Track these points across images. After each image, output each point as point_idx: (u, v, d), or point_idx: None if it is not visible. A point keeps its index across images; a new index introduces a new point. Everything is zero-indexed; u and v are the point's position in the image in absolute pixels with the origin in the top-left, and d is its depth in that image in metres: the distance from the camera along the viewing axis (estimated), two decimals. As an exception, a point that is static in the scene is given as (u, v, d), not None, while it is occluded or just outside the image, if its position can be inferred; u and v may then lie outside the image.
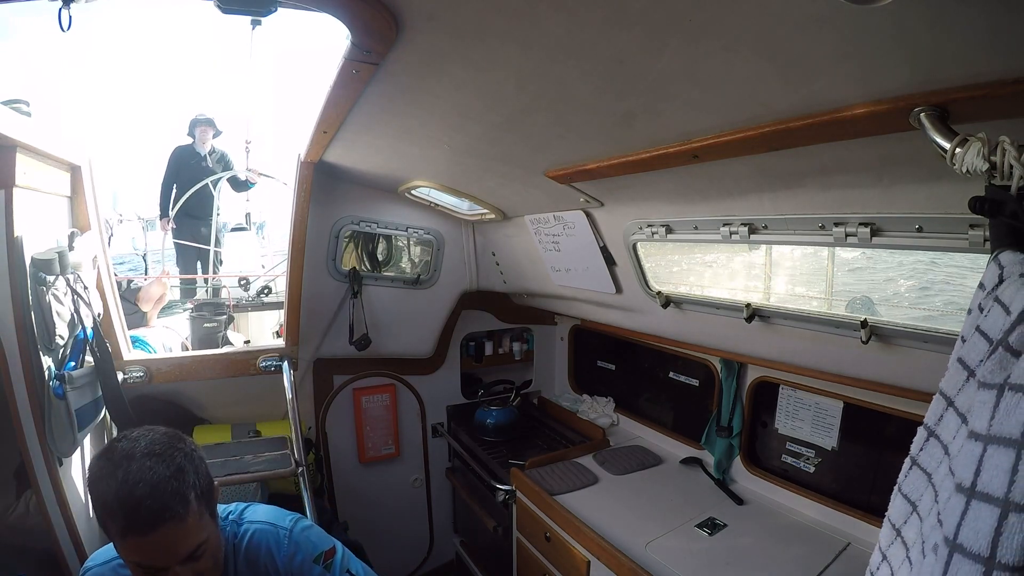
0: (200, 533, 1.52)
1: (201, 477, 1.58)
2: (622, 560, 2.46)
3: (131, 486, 1.42)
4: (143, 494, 1.42)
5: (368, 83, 1.62)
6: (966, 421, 0.79)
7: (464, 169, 2.59)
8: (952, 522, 0.70)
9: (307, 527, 1.92)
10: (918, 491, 0.91)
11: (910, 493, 0.93)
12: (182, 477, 1.50)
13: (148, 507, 1.41)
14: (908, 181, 1.48)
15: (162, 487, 1.45)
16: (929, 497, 0.86)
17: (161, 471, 1.47)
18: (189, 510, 1.48)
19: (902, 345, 1.90)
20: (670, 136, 1.60)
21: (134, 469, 1.45)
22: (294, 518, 1.91)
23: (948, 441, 0.84)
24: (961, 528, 0.68)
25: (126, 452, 1.50)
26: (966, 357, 0.83)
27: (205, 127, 7.70)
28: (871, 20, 0.87)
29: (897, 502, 0.95)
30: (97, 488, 1.47)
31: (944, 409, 0.87)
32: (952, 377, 0.86)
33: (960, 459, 0.73)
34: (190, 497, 1.49)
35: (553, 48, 1.19)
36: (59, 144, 2.37)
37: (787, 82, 1.16)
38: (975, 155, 0.91)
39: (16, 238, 2.10)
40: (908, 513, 0.92)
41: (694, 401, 3.48)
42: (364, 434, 4.05)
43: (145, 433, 1.60)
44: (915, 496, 0.91)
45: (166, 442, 1.57)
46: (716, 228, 2.13)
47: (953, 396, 0.85)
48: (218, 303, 5.14)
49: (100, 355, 2.50)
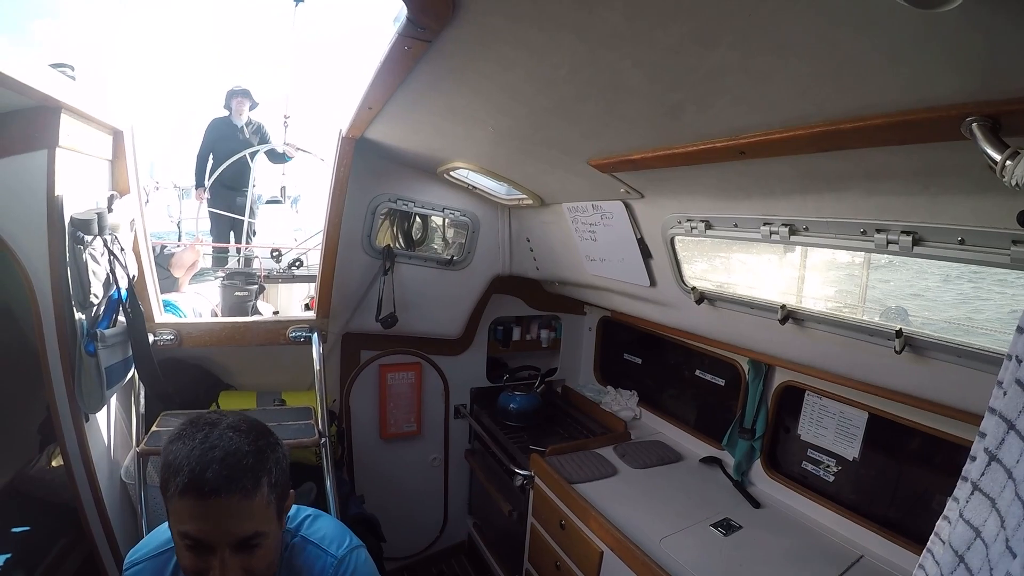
0: (263, 521, 1.45)
1: (280, 472, 1.52)
2: (636, 553, 2.47)
3: (207, 448, 1.39)
4: (217, 457, 1.38)
5: (419, 60, 1.62)
6: None
7: (506, 152, 2.59)
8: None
9: (358, 562, 1.79)
10: (981, 516, 0.90)
11: (972, 519, 0.91)
12: (261, 458, 1.46)
13: (217, 471, 1.36)
14: (954, 192, 1.46)
15: (238, 457, 1.41)
16: (994, 523, 0.85)
17: (242, 444, 1.44)
18: (259, 491, 1.42)
19: (936, 358, 1.88)
20: (717, 131, 1.59)
21: (215, 435, 1.42)
22: (349, 547, 1.79)
23: (1011, 466, 0.83)
24: None
25: (211, 420, 1.48)
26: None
27: (241, 99, 7.75)
28: (928, 26, 0.87)
29: (959, 528, 0.94)
30: (171, 447, 1.42)
31: (1005, 432, 0.86)
32: (1013, 399, 0.85)
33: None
34: (263, 480, 1.44)
35: (609, 35, 1.19)
36: (103, 108, 2.41)
37: (839, 83, 1.15)
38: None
39: (56, 197, 2.14)
40: (972, 539, 0.91)
41: (718, 401, 3.48)
42: (387, 410, 4.08)
43: (234, 413, 1.57)
44: (978, 522, 0.90)
45: (252, 426, 1.53)
46: (756, 227, 2.12)
47: (1014, 419, 0.84)
48: (249, 273, 5.19)
49: (133, 316, 2.55)
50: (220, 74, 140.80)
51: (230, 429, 1.46)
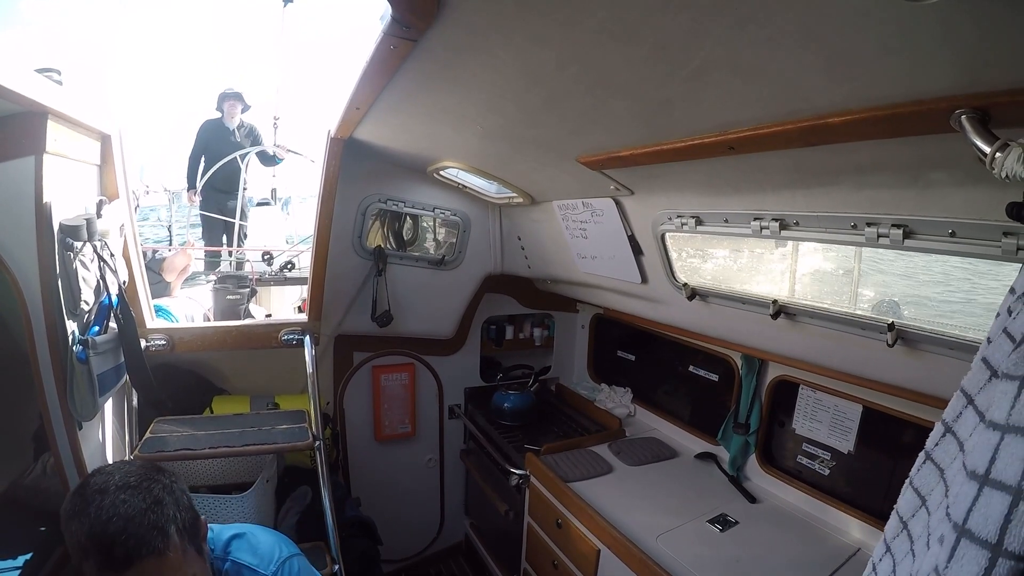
0: (184, 569, 1.44)
1: (183, 510, 1.50)
2: (632, 550, 2.47)
3: (104, 522, 1.35)
4: (117, 529, 1.35)
5: (405, 60, 1.61)
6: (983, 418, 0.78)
7: (496, 151, 2.59)
8: (962, 508, 0.70)
9: (292, 572, 1.77)
10: (929, 485, 0.91)
11: (921, 487, 0.93)
12: (160, 510, 1.43)
13: (123, 542, 1.34)
14: (944, 184, 1.46)
15: (138, 520, 1.38)
16: (940, 492, 0.86)
17: (136, 503, 1.40)
18: (169, 544, 1.40)
19: (928, 351, 1.89)
20: (707, 126, 1.59)
21: (107, 504, 1.38)
22: (280, 560, 1.76)
23: (964, 438, 0.84)
24: (971, 514, 0.69)
25: (99, 487, 1.43)
26: (990, 357, 0.83)
27: (233, 101, 7.76)
28: (918, 17, 0.86)
29: (907, 495, 0.95)
30: (69, 528, 1.39)
31: (964, 407, 0.86)
32: (975, 376, 0.86)
33: (975, 448, 0.73)
34: (170, 531, 1.41)
35: (596, 31, 1.18)
36: (90, 113, 2.39)
37: (829, 76, 1.14)
38: (1015, 160, 0.90)
39: (45, 203, 2.12)
40: (917, 507, 0.92)
41: (712, 396, 3.48)
42: (381, 412, 4.08)
43: (120, 466, 1.53)
44: (926, 490, 0.91)
45: (142, 474, 1.50)
46: (747, 222, 2.12)
47: (974, 394, 0.85)
48: (241, 276, 5.18)
49: (124, 322, 2.53)
50: (212, 76, 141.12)
51: (120, 491, 1.42)
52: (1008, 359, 0.74)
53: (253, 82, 14.49)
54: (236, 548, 1.74)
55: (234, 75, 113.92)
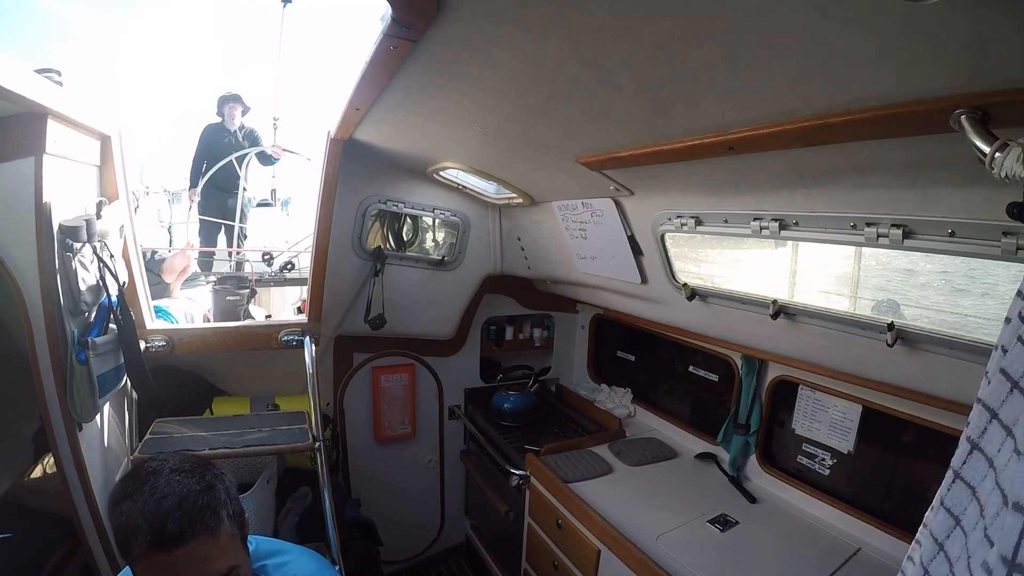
0: (233, 555, 1.45)
1: (233, 501, 1.51)
2: (633, 551, 2.47)
3: (159, 499, 1.36)
4: (171, 506, 1.35)
5: (405, 60, 1.61)
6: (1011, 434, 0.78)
7: (495, 152, 2.58)
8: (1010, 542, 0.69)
9: None
10: (961, 505, 0.89)
11: (953, 507, 0.91)
12: (213, 493, 1.44)
13: (177, 519, 1.34)
14: (943, 184, 1.46)
15: (192, 499, 1.39)
16: (974, 511, 0.85)
17: (191, 484, 1.42)
18: (221, 526, 1.41)
19: (928, 350, 1.88)
20: (706, 127, 1.59)
21: (161, 483, 1.40)
22: None
23: (992, 455, 0.83)
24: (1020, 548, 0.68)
25: (152, 469, 1.44)
26: (1009, 368, 0.82)
27: (233, 104, 7.77)
28: (916, 18, 0.86)
29: (940, 516, 0.94)
30: (119, 509, 1.38)
31: (988, 422, 0.85)
32: (996, 389, 0.84)
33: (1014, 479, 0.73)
34: (222, 513, 1.43)
35: (596, 31, 1.18)
36: (90, 113, 2.39)
37: (828, 77, 1.15)
38: (1015, 160, 0.90)
39: (45, 204, 2.12)
40: (951, 527, 0.91)
41: (712, 396, 3.48)
42: (381, 412, 4.07)
43: (172, 455, 1.54)
44: (958, 510, 0.90)
45: (194, 462, 1.52)
46: (746, 222, 2.12)
47: (996, 408, 0.84)
48: (241, 277, 5.18)
49: (124, 323, 2.53)
50: (212, 76, 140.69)
51: (174, 473, 1.44)
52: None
53: (253, 82, 14.45)
54: (274, 567, 1.74)
55: (234, 75, 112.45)
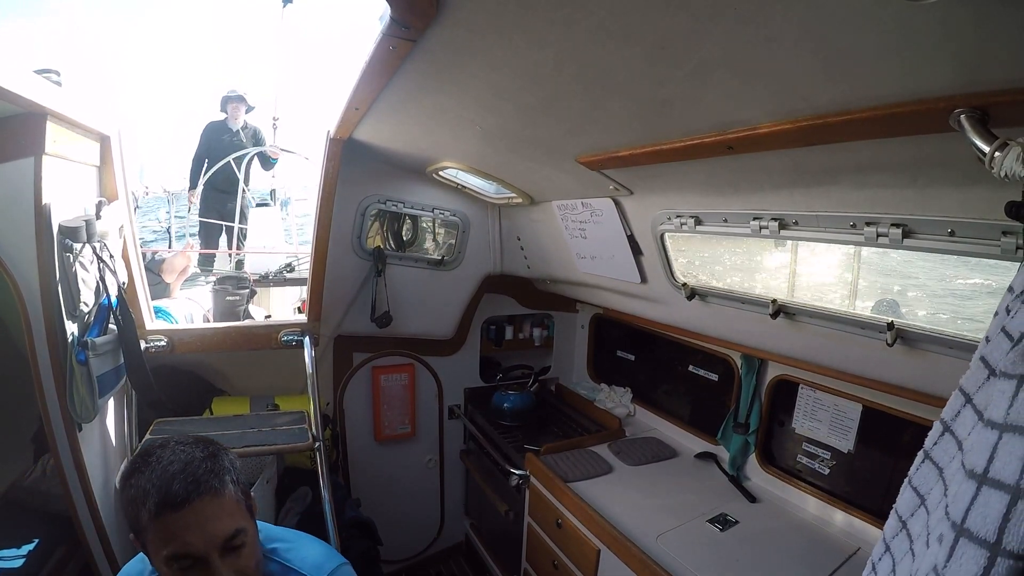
0: (239, 518, 1.50)
1: (237, 471, 1.57)
2: (632, 550, 2.47)
3: (164, 466, 1.44)
4: (177, 470, 1.43)
5: (404, 60, 1.61)
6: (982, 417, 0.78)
7: (494, 151, 2.58)
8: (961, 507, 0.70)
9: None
10: (928, 484, 0.90)
11: (919, 486, 0.92)
12: (216, 461, 1.51)
13: (182, 479, 1.41)
14: (943, 184, 1.46)
15: (196, 463, 1.47)
16: (939, 491, 0.86)
17: (195, 452, 1.50)
18: (226, 489, 1.48)
19: (927, 350, 1.88)
20: (706, 126, 1.59)
21: (167, 453, 1.48)
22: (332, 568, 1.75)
23: (963, 437, 0.84)
24: (970, 513, 0.68)
25: (159, 443, 1.52)
26: (988, 356, 0.83)
27: (237, 103, 7.78)
28: (917, 17, 0.86)
29: (906, 494, 0.95)
30: (129, 483, 1.46)
31: (962, 405, 0.86)
32: (973, 375, 0.85)
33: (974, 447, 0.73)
34: (226, 478, 1.50)
35: (595, 30, 1.18)
36: (89, 114, 2.39)
37: (828, 76, 1.14)
38: (1014, 160, 0.90)
39: (44, 205, 2.12)
40: (916, 506, 0.91)
41: (712, 396, 3.47)
42: (381, 412, 4.07)
43: (177, 435, 1.62)
44: (924, 489, 0.91)
45: (199, 438, 1.59)
46: (746, 222, 2.12)
47: (972, 393, 0.84)
48: (241, 277, 5.18)
49: (123, 323, 2.53)
50: (212, 76, 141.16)
51: (179, 444, 1.52)
52: (1006, 357, 0.74)
53: (253, 82, 14.45)
54: (285, 550, 1.76)
55: (234, 75, 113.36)
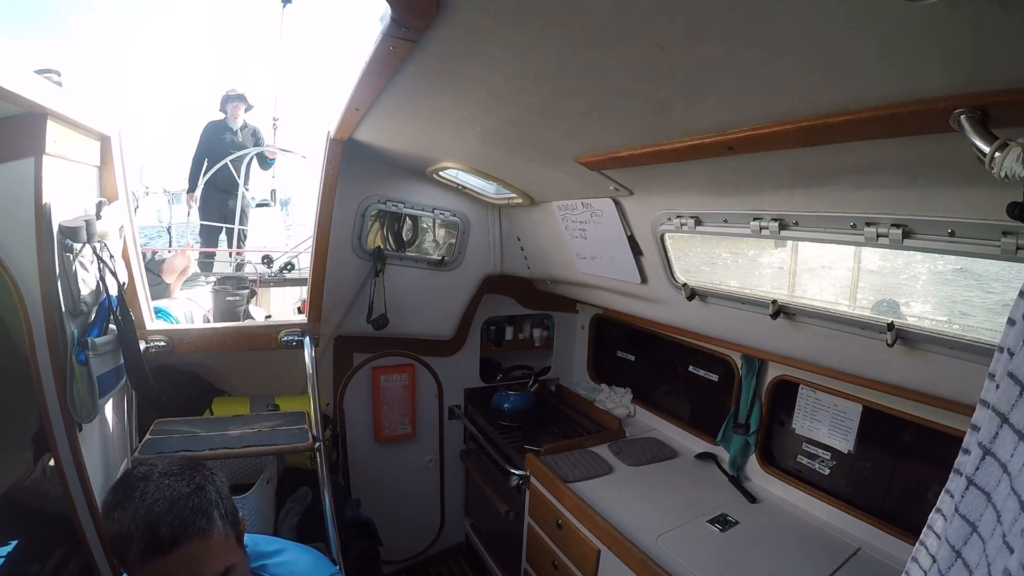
0: (228, 555, 1.45)
1: (224, 500, 1.51)
2: (632, 551, 2.47)
3: (149, 505, 1.36)
4: (162, 510, 1.36)
5: (404, 60, 1.60)
6: None
7: (495, 151, 2.58)
8: None
9: None
10: (977, 511, 0.89)
11: (968, 514, 0.91)
12: (203, 495, 1.45)
13: (168, 523, 1.35)
14: (943, 184, 1.46)
15: (183, 502, 1.40)
16: (990, 517, 0.85)
17: (180, 487, 1.43)
18: (213, 527, 1.42)
19: (928, 350, 1.88)
20: (706, 126, 1.58)
21: (151, 488, 1.40)
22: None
23: (1006, 459, 0.83)
24: None
25: (142, 475, 1.45)
26: (1017, 372, 0.82)
27: (237, 103, 7.77)
28: (916, 18, 0.86)
29: (956, 523, 0.94)
30: (111, 517, 1.39)
31: (999, 426, 0.85)
32: (1004, 393, 0.84)
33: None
34: (214, 514, 1.43)
35: (595, 31, 1.18)
36: (90, 114, 2.38)
37: (828, 77, 1.14)
38: (1015, 160, 0.90)
39: (44, 205, 2.12)
40: (968, 534, 0.90)
41: (712, 396, 3.47)
42: (381, 412, 4.08)
43: (161, 459, 1.55)
44: (974, 516, 0.90)
45: (184, 464, 1.52)
46: (746, 222, 2.12)
47: (1007, 412, 0.83)
48: (241, 277, 5.18)
49: (123, 323, 2.52)
50: (212, 76, 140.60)
51: (163, 477, 1.45)
52: None
53: (253, 82, 14.44)
54: (274, 565, 1.74)
55: (234, 75, 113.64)
